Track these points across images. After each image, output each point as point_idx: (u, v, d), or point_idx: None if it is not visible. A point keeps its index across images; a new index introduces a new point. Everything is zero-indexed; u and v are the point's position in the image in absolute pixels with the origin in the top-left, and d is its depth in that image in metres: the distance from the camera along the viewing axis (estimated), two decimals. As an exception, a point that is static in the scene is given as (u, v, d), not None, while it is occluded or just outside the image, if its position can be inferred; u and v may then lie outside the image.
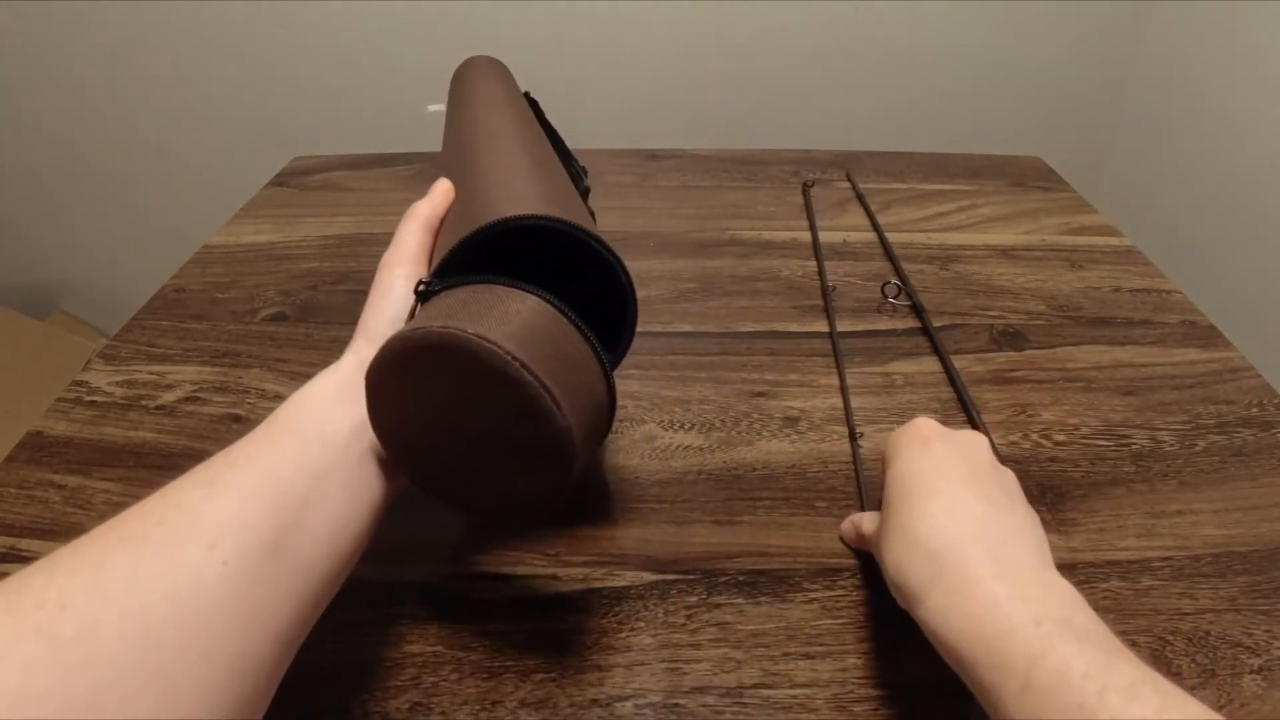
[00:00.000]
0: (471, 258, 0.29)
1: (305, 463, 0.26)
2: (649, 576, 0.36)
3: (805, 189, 0.69)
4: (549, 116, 0.52)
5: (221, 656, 0.21)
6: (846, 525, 0.38)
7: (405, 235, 0.33)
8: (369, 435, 0.28)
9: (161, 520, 0.23)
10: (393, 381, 0.26)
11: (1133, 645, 0.33)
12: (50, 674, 0.19)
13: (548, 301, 0.26)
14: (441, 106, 0.62)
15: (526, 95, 0.53)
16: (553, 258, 0.32)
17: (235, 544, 0.22)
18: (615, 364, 0.33)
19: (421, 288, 0.29)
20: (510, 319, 0.25)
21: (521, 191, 0.32)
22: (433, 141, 0.78)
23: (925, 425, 0.33)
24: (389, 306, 0.31)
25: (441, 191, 0.35)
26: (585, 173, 0.52)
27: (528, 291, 0.26)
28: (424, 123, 0.77)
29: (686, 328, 0.53)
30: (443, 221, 0.35)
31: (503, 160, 0.36)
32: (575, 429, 0.24)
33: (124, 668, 0.19)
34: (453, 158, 0.40)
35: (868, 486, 0.40)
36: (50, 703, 0.18)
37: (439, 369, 0.25)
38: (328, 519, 0.26)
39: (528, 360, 0.23)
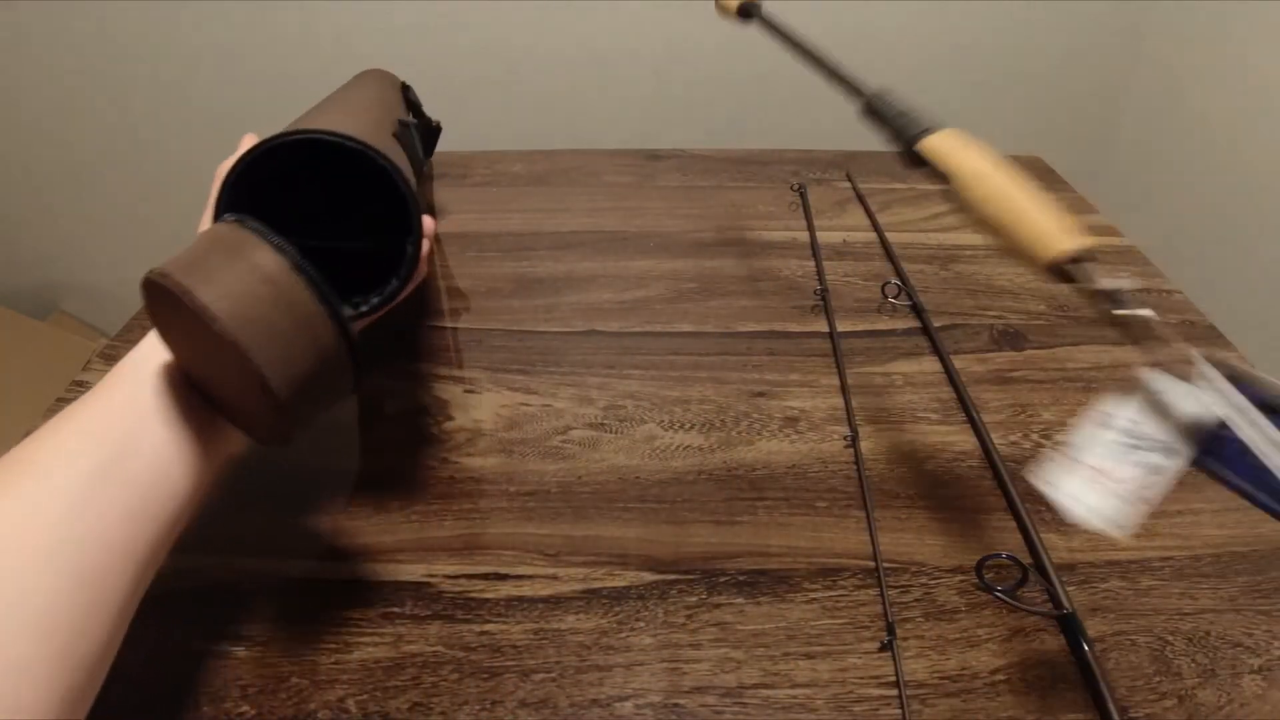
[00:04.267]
0: (264, 184, 0.34)
1: (130, 401, 0.29)
2: (649, 576, 0.36)
3: (800, 191, 0.69)
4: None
5: (65, 569, 0.24)
6: None
7: (212, 196, 0.34)
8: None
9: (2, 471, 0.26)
10: (156, 309, 0.29)
11: (1132, 645, 0.34)
12: None
13: (283, 254, 0.27)
14: None
15: (404, 86, 0.58)
16: (345, 187, 0.36)
17: (65, 471, 0.26)
18: (403, 284, 0.35)
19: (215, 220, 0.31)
20: (242, 277, 0.26)
21: (314, 120, 0.35)
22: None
23: None
24: None
25: (244, 143, 0.36)
26: (437, 127, 0.61)
27: (268, 243, 0.27)
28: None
29: (687, 328, 0.53)
30: None
31: (313, 109, 0.40)
32: (287, 395, 0.26)
33: None
34: None
35: (867, 487, 0.40)
36: None
37: (177, 313, 0.27)
38: (154, 445, 0.28)
39: (241, 335, 0.25)
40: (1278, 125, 0.93)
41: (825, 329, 0.52)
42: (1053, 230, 0.29)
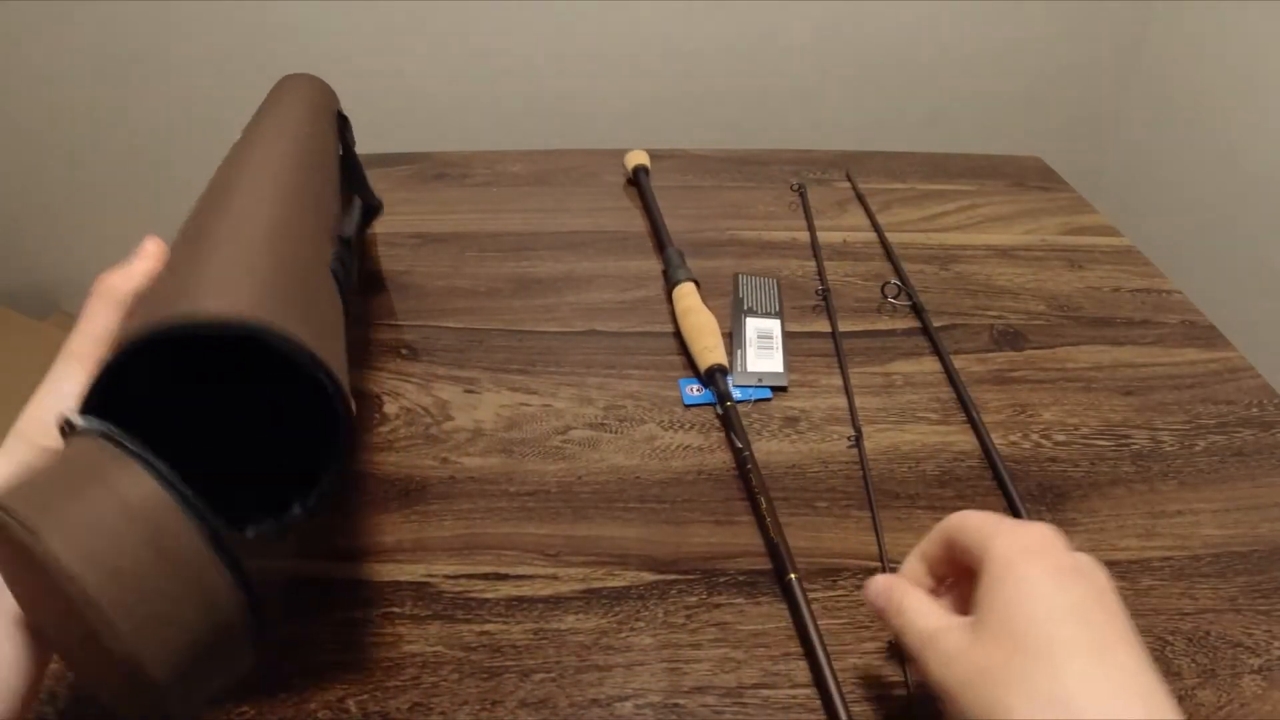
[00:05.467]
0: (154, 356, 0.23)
1: None
2: (649, 576, 0.36)
3: (800, 191, 0.69)
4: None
5: None
6: (879, 594, 0.30)
7: (90, 317, 0.27)
8: None
9: None
10: None
11: (1133, 645, 0.34)
12: None
13: (167, 485, 0.21)
14: None
15: (340, 115, 0.50)
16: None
17: None
18: (335, 480, 0.26)
19: (64, 425, 0.23)
20: (103, 516, 0.20)
21: (225, 273, 0.26)
22: (435, 140, 0.78)
23: (1062, 549, 0.26)
24: (51, 408, 0.25)
25: (144, 256, 0.29)
26: (378, 208, 0.51)
27: (146, 467, 0.21)
28: (423, 122, 0.77)
29: (686, 328, 0.53)
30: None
31: (232, 219, 0.30)
32: (160, 668, 0.20)
33: None
34: (199, 206, 0.33)
35: (871, 487, 0.40)
36: None
37: (17, 560, 0.21)
38: None
39: (99, 594, 0.19)
40: (1277, 125, 0.94)
41: (825, 329, 0.52)
42: (709, 348, 0.47)
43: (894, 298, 0.55)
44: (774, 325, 0.52)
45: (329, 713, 0.31)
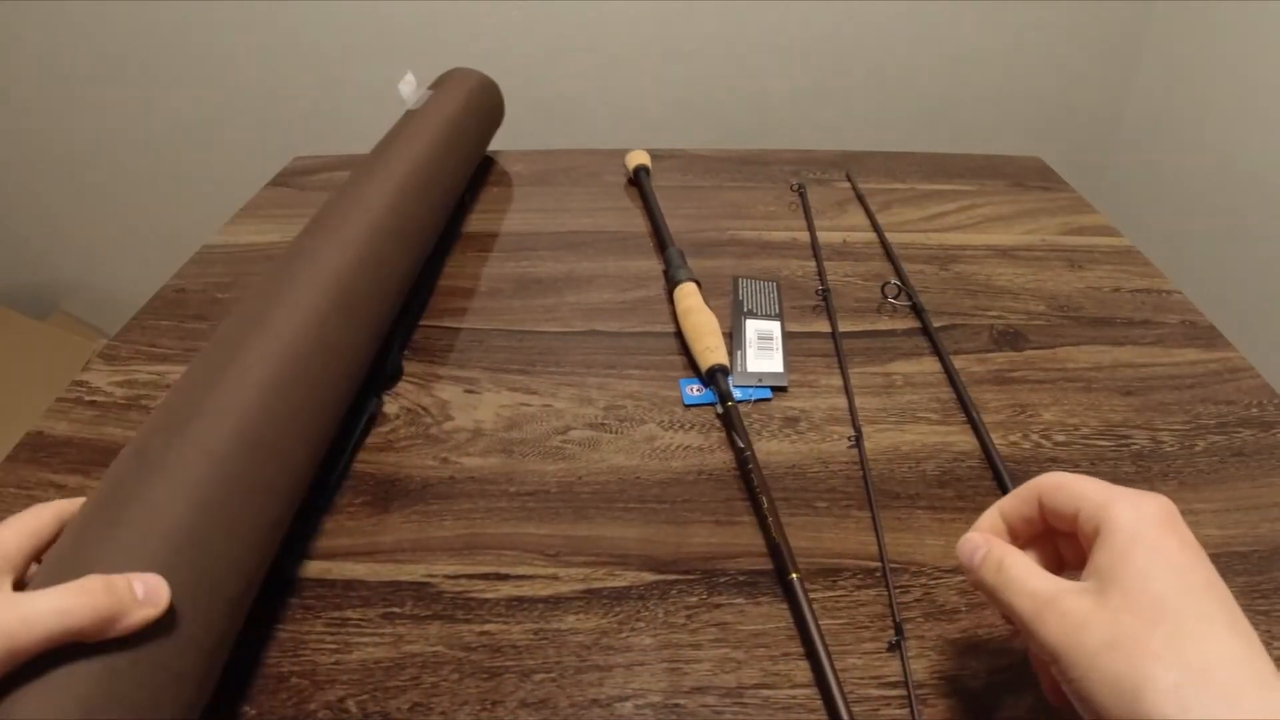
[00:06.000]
0: None
1: None
2: (649, 576, 0.36)
3: (800, 191, 0.69)
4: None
5: None
6: (976, 549, 0.28)
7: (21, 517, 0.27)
8: None
9: None
10: None
11: (1133, 645, 0.33)
12: None
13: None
14: (414, 92, 0.55)
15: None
16: None
17: None
18: None
19: None
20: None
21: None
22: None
23: (1183, 522, 0.26)
24: None
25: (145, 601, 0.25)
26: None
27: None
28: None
29: (686, 328, 0.53)
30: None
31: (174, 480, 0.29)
32: None
33: None
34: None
35: (871, 487, 0.40)
36: None
37: None
38: None
39: None
40: (1277, 125, 0.93)
41: (825, 329, 0.52)
42: (711, 348, 0.47)
43: (894, 298, 0.55)
44: (774, 327, 0.52)
45: (329, 713, 0.31)
